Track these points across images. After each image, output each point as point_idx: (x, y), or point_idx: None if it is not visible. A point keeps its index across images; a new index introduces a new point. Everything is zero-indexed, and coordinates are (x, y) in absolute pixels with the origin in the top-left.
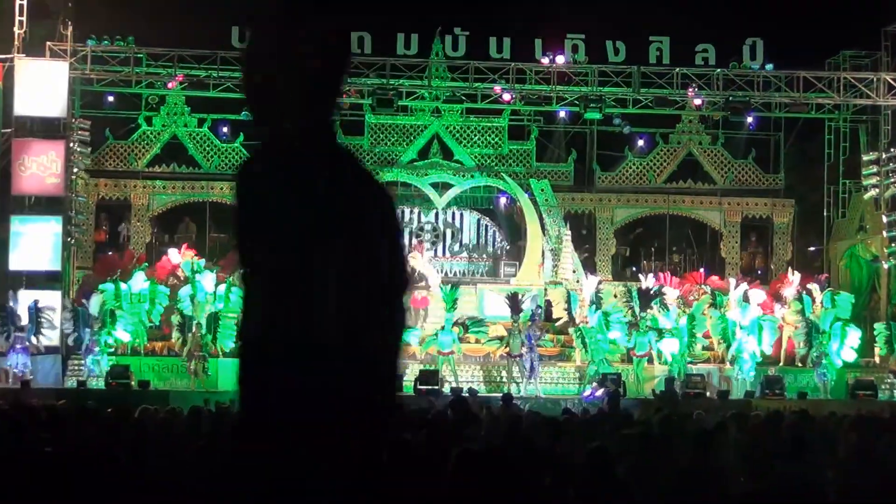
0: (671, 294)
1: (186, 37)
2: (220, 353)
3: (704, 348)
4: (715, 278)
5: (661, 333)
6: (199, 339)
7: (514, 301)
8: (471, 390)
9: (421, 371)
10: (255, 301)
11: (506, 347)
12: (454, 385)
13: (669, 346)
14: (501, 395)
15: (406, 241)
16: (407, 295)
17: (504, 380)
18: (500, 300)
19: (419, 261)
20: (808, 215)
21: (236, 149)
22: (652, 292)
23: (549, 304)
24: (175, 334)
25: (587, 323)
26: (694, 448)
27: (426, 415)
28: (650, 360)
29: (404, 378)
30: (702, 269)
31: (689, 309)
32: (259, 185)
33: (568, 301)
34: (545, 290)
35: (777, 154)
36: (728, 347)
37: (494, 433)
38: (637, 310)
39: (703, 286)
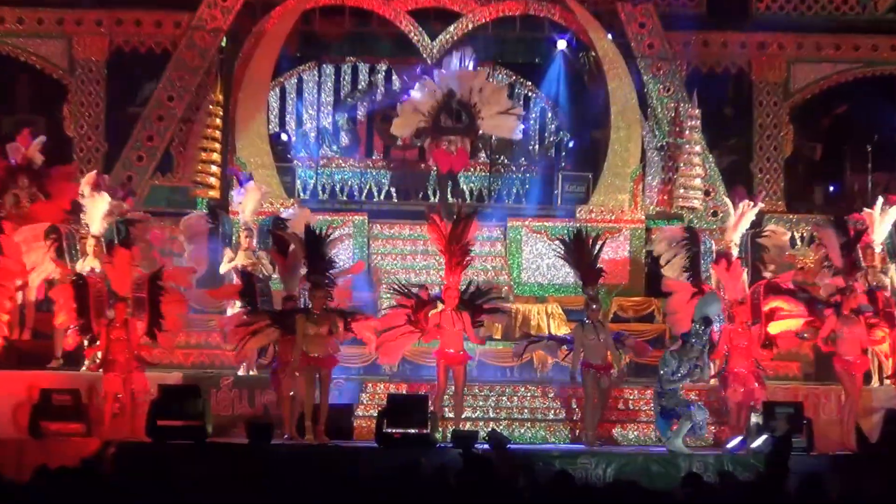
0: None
1: None
2: None
3: None
4: None
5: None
6: None
7: (578, 248)
8: (493, 435)
9: (390, 398)
10: None
11: (561, 352)
12: (456, 426)
13: None
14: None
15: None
16: None
17: (559, 417)
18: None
19: None
20: None
21: None
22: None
23: (650, 261)
24: None
25: (733, 295)
26: None
27: (405, 481)
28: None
29: (356, 409)
30: None
31: None
32: None
33: (693, 253)
34: (646, 229)
35: None
36: None
37: None
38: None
39: None
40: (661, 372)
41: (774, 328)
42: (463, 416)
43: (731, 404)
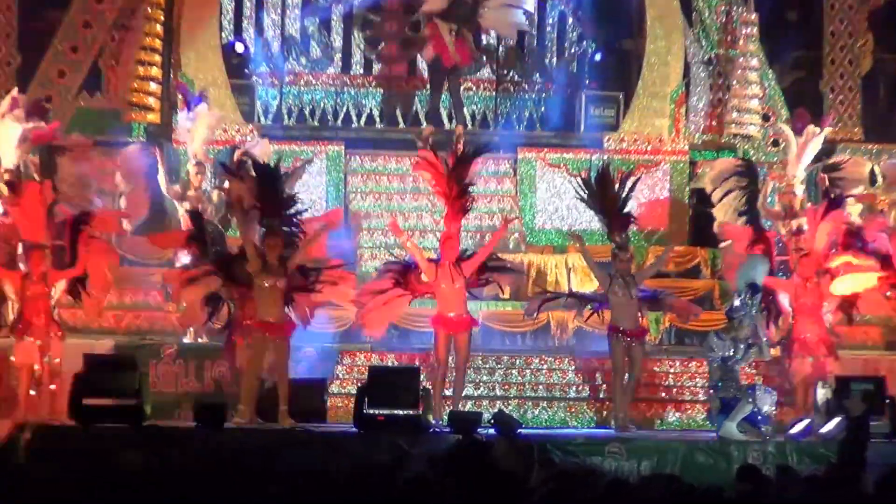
0: None
1: None
2: None
3: None
4: None
5: None
6: None
7: (602, 187)
8: (500, 418)
9: (372, 372)
10: None
11: (585, 312)
12: (455, 407)
13: None
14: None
15: None
16: None
17: (582, 395)
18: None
19: None
20: None
21: None
22: None
23: (695, 202)
24: None
25: (798, 242)
26: None
27: (390, 474)
28: None
29: (330, 385)
30: None
31: None
32: None
33: (751, 191)
34: (690, 162)
35: None
36: None
37: None
38: None
39: None
40: (710, 359)
41: (841, 286)
42: (464, 395)
43: (795, 379)
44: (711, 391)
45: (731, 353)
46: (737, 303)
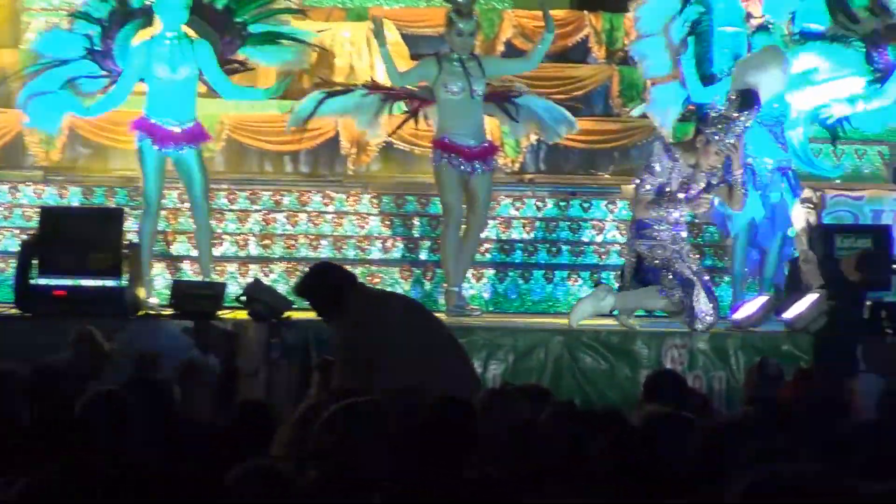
0: None
1: None
2: None
3: None
4: None
5: None
6: None
7: None
8: (255, 293)
9: (44, 216)
10: None
11: (393, 117)
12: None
13: None
14: None
15: None
16: None
17: (391, 256)
18: None
19: None
20: None
21: None
22: None
23: None
24: None
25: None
26: None
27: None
28: None
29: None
30: None
31: None
32: None
33: None
34: None
35: None
36: None
37: None
38: None
39: None
40: (641, 183)
41: None
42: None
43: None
44: (628, 242)
45: (679, 184)
46: (714, 112)
